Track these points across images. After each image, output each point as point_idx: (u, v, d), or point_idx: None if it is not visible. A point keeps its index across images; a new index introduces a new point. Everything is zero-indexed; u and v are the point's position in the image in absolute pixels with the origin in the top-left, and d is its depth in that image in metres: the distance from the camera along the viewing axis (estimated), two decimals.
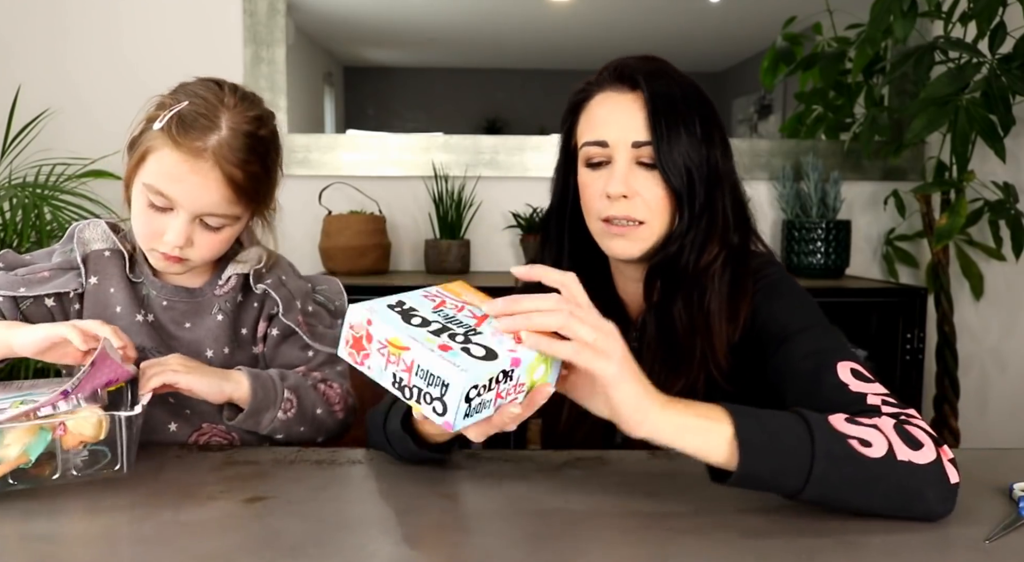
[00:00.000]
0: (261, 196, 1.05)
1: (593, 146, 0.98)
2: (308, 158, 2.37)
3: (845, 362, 0.87)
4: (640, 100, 0.96)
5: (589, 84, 1.01)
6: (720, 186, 0.98)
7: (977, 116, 1.96)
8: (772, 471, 0.74)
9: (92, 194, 2.05)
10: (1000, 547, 0.71)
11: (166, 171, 0.97)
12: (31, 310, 1.05)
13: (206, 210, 0.99)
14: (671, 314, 0.98)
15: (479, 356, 0.70)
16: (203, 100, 0.99)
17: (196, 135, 0.96)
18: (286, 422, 1.02)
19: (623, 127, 0.96)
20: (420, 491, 0.83)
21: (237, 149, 0.98)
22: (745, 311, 0.97)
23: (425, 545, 0.71)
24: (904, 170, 2.43)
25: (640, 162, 0.96)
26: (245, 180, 0.99)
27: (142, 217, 1.01)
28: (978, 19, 1.98)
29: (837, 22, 2.29)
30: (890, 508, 0.75)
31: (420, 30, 2.51)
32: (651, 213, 0.97)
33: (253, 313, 1.11)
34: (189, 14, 2.30)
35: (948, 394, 2.23)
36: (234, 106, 1.00)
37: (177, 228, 0.99)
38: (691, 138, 0.95)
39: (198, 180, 0.97)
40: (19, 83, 2.20)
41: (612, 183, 0.95)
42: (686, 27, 2.56)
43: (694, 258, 0.97)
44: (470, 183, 2.36)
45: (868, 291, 2.13)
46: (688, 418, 0.75)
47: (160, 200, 0.98)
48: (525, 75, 2.63)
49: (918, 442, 0.75)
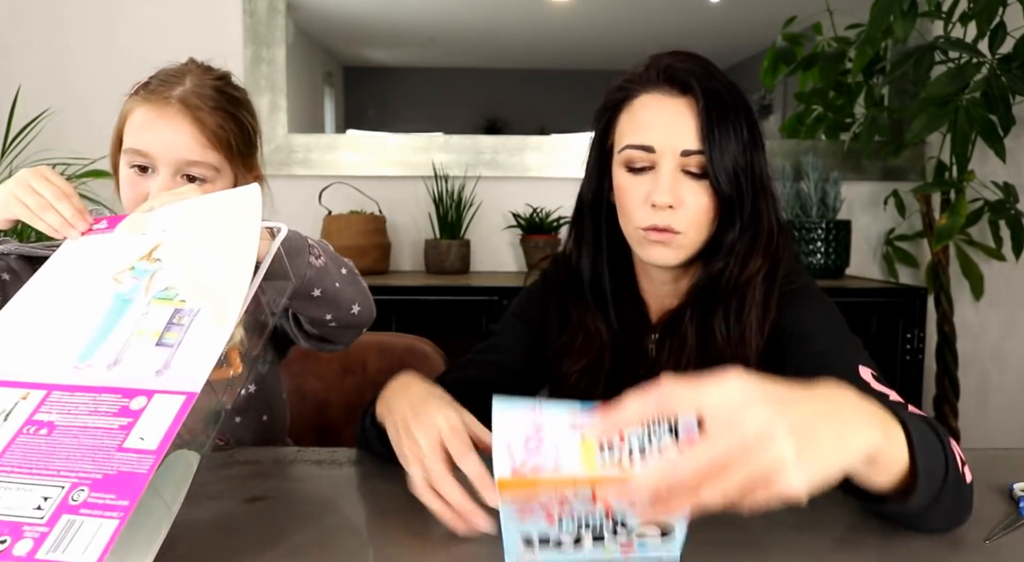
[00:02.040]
0: (237, 148, 1.06)
1: (637, 150, 0.93)
2: (308, 158, 2.37)
3: (865, 366, 0.85)
4: (691, 105, 0.91)
5: (631, 82, 0.96)
6: (765, 194, 0.95)
7: (977, 116, 1.96)
8: (926, 499, 0.66)
9: (92, 194, 2.04)
10: (1000, 547, 0.71)
11: (137, 127, 1.02)
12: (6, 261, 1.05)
13: (181, 157, 1.01)
14: (710, 326, 0.95)
15: None
16: (171, 69, 1.07)
17: (163, 90, 1.03)
18: (321, 270, 0.96)
19: (672, 134, 0.92)
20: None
21: (203, 96, 1.03)
22: (772, 319, 0.95)
23: (425, 545, 0.71)
24: (904, 170, 2.43)
25: (686, 171, 0.92)
26: (214, 124, 1.03)
27: (126, 189, 1.04)
28: (978, 19, 1.98)
29: (837, 22, 2.29)
30: (949, 525, 0.72)
31: (420, 30, 2.51)
32: (691, 223, 0.93)
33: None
34: (189, 14, 2.30)
35: (948, 394, 2.23)
36: (199, 71, 1.07)
37: (160, 184, 1.01)
38: (739, 144, 0.92)
39: (167, 124, 1.01)
40: (19, 83, 2.20)
41: (659, 193, 0.91)
42: (686, 27, 2.56)
43: (737, 270, 0.94)
44: (470, 183, 2.36)
45: (868, 291, 2.13)
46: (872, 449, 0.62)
47: (138, 159, 1.02)
48: (525, 75, 2.62)
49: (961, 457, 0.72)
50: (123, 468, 0.68)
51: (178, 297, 0.81)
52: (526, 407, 0.58)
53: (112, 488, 0.67)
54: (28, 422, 0.72)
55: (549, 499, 0.58)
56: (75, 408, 0.73)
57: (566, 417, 0.58)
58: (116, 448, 0.69)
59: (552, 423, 0.58)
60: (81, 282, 0.85)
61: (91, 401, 0.74)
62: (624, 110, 0.96)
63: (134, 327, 0.79)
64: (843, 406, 0.60)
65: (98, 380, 0.75)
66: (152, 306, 0.80)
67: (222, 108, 1.04)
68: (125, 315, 0.80)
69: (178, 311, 0.80)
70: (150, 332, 0.78)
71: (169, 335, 0.78)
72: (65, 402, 0.74)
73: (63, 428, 0.72)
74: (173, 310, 0.80)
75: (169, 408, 0.71)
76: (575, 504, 0.58)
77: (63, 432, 0.71)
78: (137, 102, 1.03)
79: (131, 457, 0.69)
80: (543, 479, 0.56)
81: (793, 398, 0.57)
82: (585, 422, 0.58)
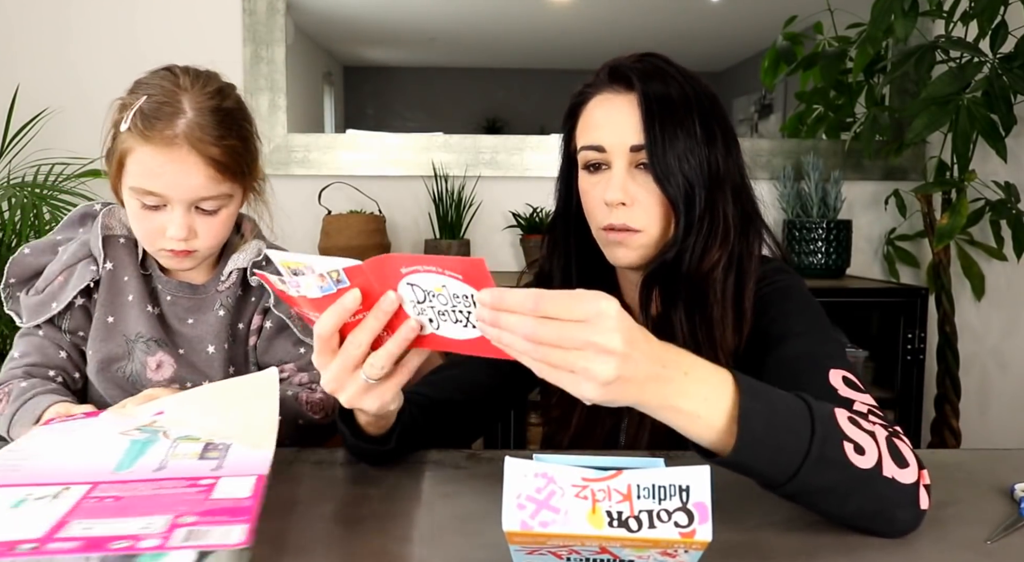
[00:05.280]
0: (245, 168, 1.03)
1: (590, 151, 0.95)
2: (308, 158, 2.37)
3: (838, 370, 0.83)
4: (635, 101, 0.92)
5: (587, 86, 0.98)
6: (722, 188, 0.94)
7: (978, 115, 1.96)
8: (761, 464, 0.69)
9: (91, 193, 2.05)
10: (1001, 548, 0.70)
11: (146, 169, 0.97)
12: (72, 321, 1.07)
13: (196, 195, 0.99)
14: (671, 323, 0.94)
15: None
16: (160, 90, 0.99)
17: (163, 125, 0.96)
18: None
19: (620, 130, 0.93)
20: (420, 491, 0.83)
21: (207, 127, 0.98)
22: (749, 319, 0.93)
23: (425, 545, 0.71)
24: (905, 170, 2.43)
25: (640, 164, 0.93)
26: (224, 156, 0.99)
27: (139, 221, 1.01)
28: (979, 18, 1.97)
29: (838, 21, 2.29)
30: (856, 519, 0.71)
31: (420, 30, 2.51)
32: (649, 220, 0.93)
33: (251, 307, 1.11)
34: (189, 13, 2.30)
35: (949, 394, 2.23)
36: (191, 86, 1.00)
37: (176, 221, 0.99)
38: (689, 140, 0.91)
39: (178, 168, 0.96)
40: (18, 82, 2.20)
41: (610, 190, 0.92)
42: (686, 27, 2.56)
43: (695, 264, 0.93)
44: (470, 183, 2.36)
45: (869, 291, 2.13)
46: (684, 402, 0.67)
47: (150, 199, 0.98)
48: (525, 75, 2.62)
49: (905, 460, 0.72)
50: (224, 505, 0.62)
51: (204, 438, 0.78)
52: (537, 462, 0.60)
53: (222, 514, 0.61)
54: (85, 498, 0.64)
55: (557, 547, 0.59)
56: (133, 488, 0.66)
57: (576, 474, 0.59)
58: (204, 499, 0.64)
59: (562, 480, 0.58)
60: (89, 435, 0.80)
61: (150, 486, 0.67)
62: (581, 113, 0.98)
63: (168, 451, 0.75)
64: (679, 371, 0.67)
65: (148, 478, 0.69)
66: (179, 443, 0.77)
67: (227, 133, 0.99)
68: (154, 446, 0.77)
69: (210, 444, 0.77)
70: (188, 454, 0.74)
71: (210, 453, 0.75)
72: (119, 487, 0.66)
73: (130, 498, 0.64)
74: (204, 444, 0.77)
75: (243, 483, 0.67)
76: (583, 551, 0.59)
77: (132, 501, 0.64)
78: (137, 141, 0.96)
79: (226, 501, 0.63)
80: (551, 533, 0.57)
81: (643, 340, 0.64)
82: (593, 480, 0.59)
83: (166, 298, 1.08)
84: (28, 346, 1.06)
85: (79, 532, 0.57)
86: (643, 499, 0.57)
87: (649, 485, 0.58)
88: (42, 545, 0.56)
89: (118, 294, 1.06)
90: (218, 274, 1.10)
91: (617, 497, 0.58)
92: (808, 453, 0.68)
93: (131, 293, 1.07)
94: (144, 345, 1.06)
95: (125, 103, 1.00)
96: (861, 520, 0.71)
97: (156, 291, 1.09)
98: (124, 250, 1.08)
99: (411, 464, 0.90)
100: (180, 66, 1.03)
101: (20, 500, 0.63)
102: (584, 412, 1.02)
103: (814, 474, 0.69)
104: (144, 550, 0.55)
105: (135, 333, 1.06)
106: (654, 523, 0.56)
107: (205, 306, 1.09)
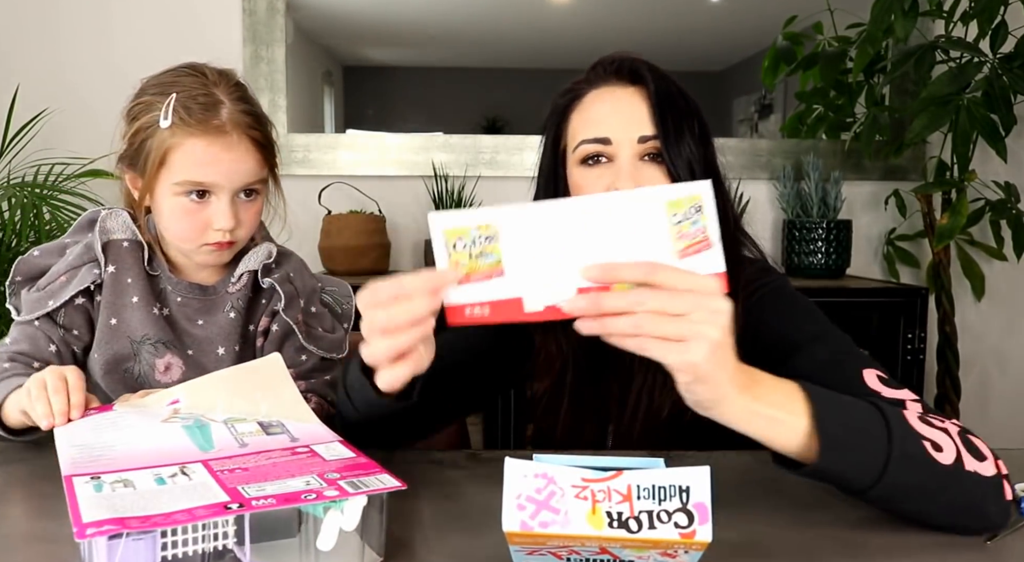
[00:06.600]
0: (274, 152, 1.08)
1: (593, 144, 0.93)
2: (308, 158, 2.37)
3: (870, 370, 0.84)
4: (643, 94, 0.93)
5: (579, 84, 0.98)
6: (719, 185, 0.94)
7: (978, 115, 1.96)
8: (847, 468, 0.69)
9: (91, 193, 2.05)
10: (1000, 547, 0.70)
11: (199, 160, 0.99)
12: (68, 318, 1.07)
13: (247, 180, 1.02)
14: None
15: None
16: (192, 85, 1.01)
17: (210, 115, 0.99)
18: None
19: (627, 122, 0.92)
20: (420, 491, 0.83)
21: (247, 113, 1.02)
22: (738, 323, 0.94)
23: (425, 545, 0.71)
24: (905, 170, 2.43)
25: (647, 156, 0.92)
26: (264, 139, 1.04)
27: (182, 219, 1.01)
28: (979, 18, 1.97)
29: (838, 21, 2.29)
30: (950, 517, 0.72)
31: (420, 29, 2.51)
32: None
33: (261, 309, 1.11)
34: (188, 13, 2.30)
35: (949, 394, 2.23)
36: (220, 81, 1.03)
37: (224, 211, 1.01)
38: (692, 136, 0.92)
39: (233, 156, 1.00)
40: (18, 82, 2.19)
41: (621, 180, 0.91)
42: (686, 27, 2.56)
43: None
44: (470, 183, 2.36)
45: (869, 291, 2.13)
46: (763, 406, 0.69)
47: (199, 187, 1.00)
48: (525, 75, 2.62)
49: (981, 454, 0.73)
50: (346, 464, 0.68)
51: (251, 419, 0.81)
52: (537, 463, 0.60)
53: (355, 468, 0.66)
54: (219, 472, 0.67)
55: (557, 548, 0.59)
56: (245, 460, 0.70)
57: (576, 475, 0.59)
58: (323, 461, 0.69)
59: (562, 480, 0.59)
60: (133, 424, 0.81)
61: (257, 458, 0.70)
62: (574, 110, 0.98)
63: (232, 432, 0.77)
64: (756, 387, 0.70)
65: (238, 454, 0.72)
66: (233, 423, 0.80)
67: (259, 119, 1.05)
68: (213, 428, 0.78)
69: (262, 422, 0.80)
70: (252, 432, 0.77)
71: (273, 429, 0.78)
72: (232, 461, 0.70)
73: (255, 468, 0.67)
74: (256, 422, 0.80)
75: (335, 448, 0.73)
76: (583, 551, 0.60)
77: (262, 469, 0.67)
78: (183, 135, 0.97)
79: (343, 460, 0.69)
80: (551, 534, 0.57)
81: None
82: (593, 480, 0.59)
83: (176, 299, 1.08)
84: (20, 335, 1.06)
85: (256, 493, 0.61)
86: (643, 500, 0.57)
87: (649, 486, 0.58)
88: (247, 505, 0.59)
89: (121, 296, 1.06)
90: (229, 275, 1.10)
91: (617, 498, 0.58)
92: (890, 453, 0.69)
93: (135, 295, 1.06)
94: (151, 347, 1.06)
95: (149, 101, 1.01)
96: (952, 517, 0.72)
97: (165, 292, 1.09)
98: (127, 252, 1.08)
99: (411, 464, 0.90)
100: (196, 63, 1.06)
101: (160, 478, 0.65)
102: (568, 418, 1.02)
103: (900, 473, 0.69)
104: (331, 498, 0.60)
105: (141, 335, 1.06)
106: (654, 524, 0.57)
107: (215, 308, 1.09)
